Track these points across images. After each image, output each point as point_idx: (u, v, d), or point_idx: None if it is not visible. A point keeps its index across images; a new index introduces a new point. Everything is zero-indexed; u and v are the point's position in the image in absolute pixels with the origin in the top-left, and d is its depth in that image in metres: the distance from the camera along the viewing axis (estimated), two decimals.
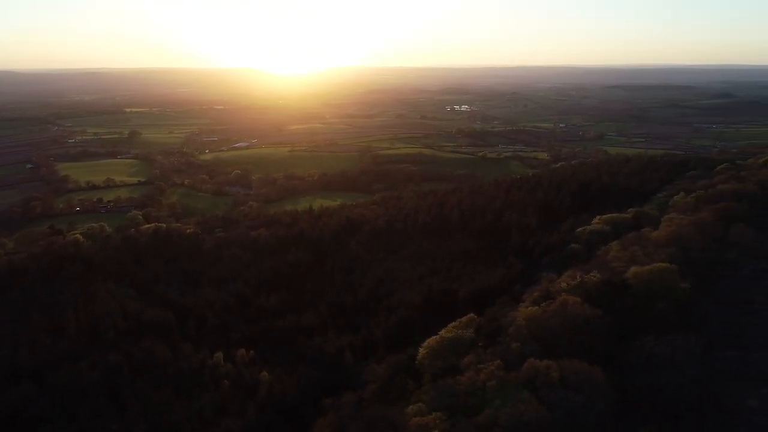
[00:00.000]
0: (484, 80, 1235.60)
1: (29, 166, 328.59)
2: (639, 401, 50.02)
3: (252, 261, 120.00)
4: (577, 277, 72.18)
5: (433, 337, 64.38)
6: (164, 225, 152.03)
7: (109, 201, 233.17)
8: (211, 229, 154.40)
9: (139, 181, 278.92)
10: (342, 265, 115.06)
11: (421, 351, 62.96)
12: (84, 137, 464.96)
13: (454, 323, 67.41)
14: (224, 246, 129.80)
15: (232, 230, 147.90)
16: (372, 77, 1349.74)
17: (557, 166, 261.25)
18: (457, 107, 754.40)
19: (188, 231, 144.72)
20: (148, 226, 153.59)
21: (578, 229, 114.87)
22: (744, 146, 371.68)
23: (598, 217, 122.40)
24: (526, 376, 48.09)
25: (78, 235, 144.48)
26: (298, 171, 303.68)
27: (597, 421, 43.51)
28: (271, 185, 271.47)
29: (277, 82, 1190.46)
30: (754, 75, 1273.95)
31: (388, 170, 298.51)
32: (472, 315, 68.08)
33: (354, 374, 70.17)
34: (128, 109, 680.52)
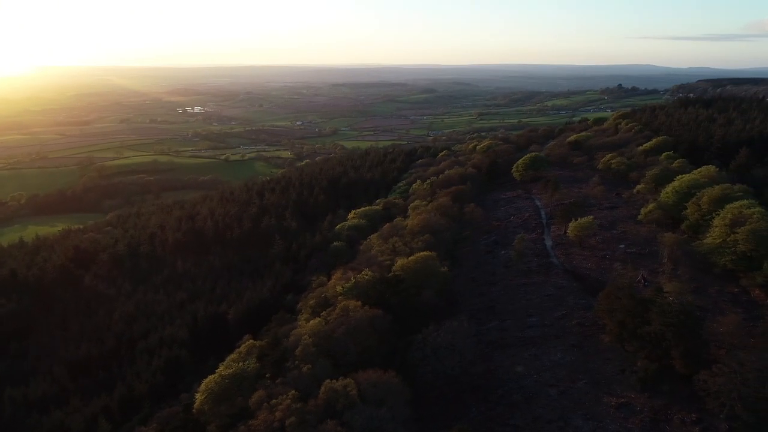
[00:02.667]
0: (214, 80, 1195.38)
1: None
2: (430, 394, 51.17)
3: None
4: (351, 278, 71.66)
5: (211, 377, 55.81)
6: None
7: None
8: None
9: None
10: (77, 308, 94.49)
11: (198, 397, 53.99)
12: None
13: (232, 355, 60.09)
14: None
15: None
16: (84, 79, 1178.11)
17: (303, 163, 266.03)
18: (189, 109, 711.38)
19: None
20: None
21: (337, 226, 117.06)
22: (450, 134, 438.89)
23: (353, 211, 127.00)
24: (325, 401, 44.35)
25: None
26: None
27: (403, 430, 42.42)
28: None
29: None
30: (449, 73, 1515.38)
31: (120, 183, 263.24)
32: (250, 341, 61.60)
33: None
34: None
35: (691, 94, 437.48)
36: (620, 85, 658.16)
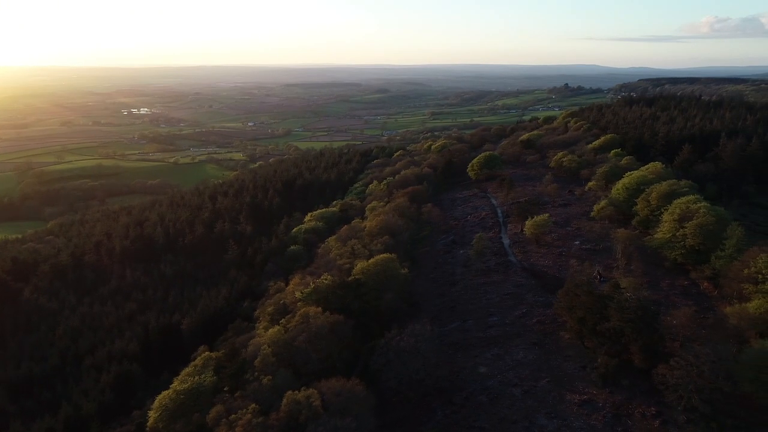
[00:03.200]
0: (161, 80, 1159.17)
1: None
2: (395, 398, 50.42)
3: None
4: (310, 283, 70.05)
5: (165, 392, 53.20)
6: None
7: None
8: None
9: None
10: (16, 324, 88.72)
11: (152, 414, 51.39)
12: None
13: (187, 368, 57.45)
14: None
15: None
16: (21, 80, 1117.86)
17: (256, 165, 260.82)
18: (135, 110, 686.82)
19: None
20: None
21: (294, 230, 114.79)
22: (404, 133, 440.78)
23: (309, 214, 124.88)
24: (287, 414, 42.78)
25: None
26: None
27: None
28: None
29: None
30: (402, 73, 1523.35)
31: (61, 189, 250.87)
32: (206, 353, 59.13)
33: None
34: None
35: (633, 93, 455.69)
36: (567, 84, 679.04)
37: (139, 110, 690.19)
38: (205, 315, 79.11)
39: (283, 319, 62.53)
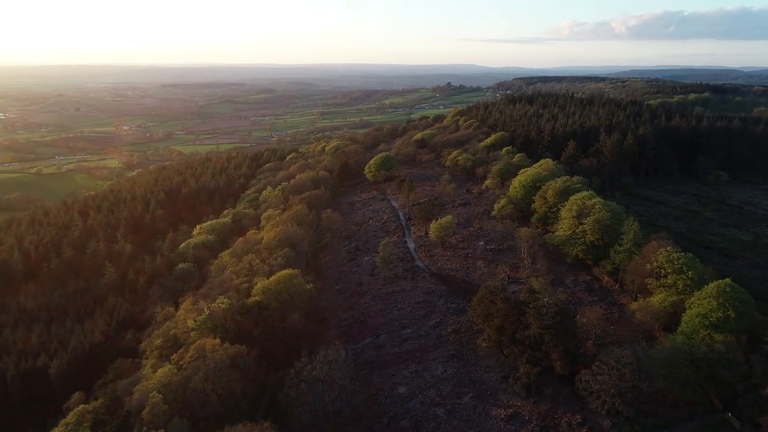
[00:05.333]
0: (14, 81, 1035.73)
1: None
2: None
3: None
4: (204, 308, 62.64)
5: None
6: None
7: None
8: None
9: None
10: None
11: None
12: None
13: (56, 429, 48.13)
14: None
15: None
16: None
17: (134, 173, 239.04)
18: None
19: None
20: None
21: (182, 245, 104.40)
22: (294, 134, 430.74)
23: (198, 226, 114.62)
24: None
25: None
26: None
27: None
28: None
29: None
30: (288, 72, 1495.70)
31: None
32: (81, 406, 50.08)
33: None
34: None
35: (509, 91, 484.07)
36: (449, 83, 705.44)
37: None
38: (78, 354, 68.25)
39: (174, 355, 54.76)
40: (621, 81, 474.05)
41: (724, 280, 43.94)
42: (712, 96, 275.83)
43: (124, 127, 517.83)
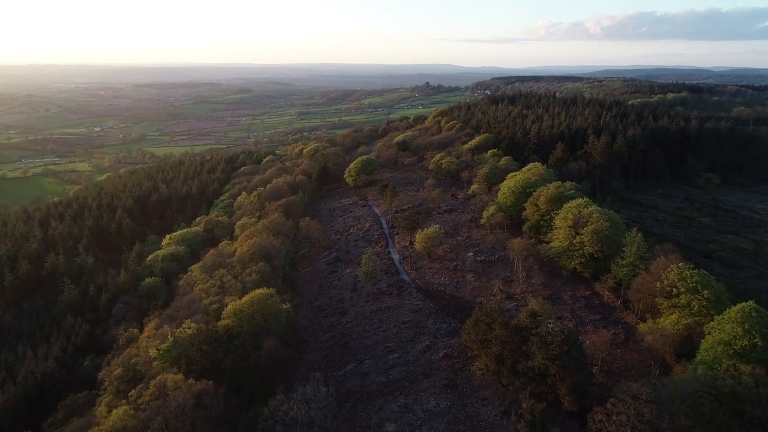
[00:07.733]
0: None
1: None
2: None
3: None
4: (168, 334, 56.47)
5: None
6: None
7: None
8: None
9: None
10: None
11: None
12: None
13: None
14: None
15: None
16: None
17: (104, 178, 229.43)
18: None
19: None
20: None
21: (149, 257, 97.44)
22: (271, 135, 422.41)
23: (168, 236, 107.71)
24: None
25: None
26: None
27: None
28: None
29: None
30: (264, 72, 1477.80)
31: None
32: None
33: None
34: None
35: (488, 91, 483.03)
36: (428, 83, 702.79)
37: None
38: (29, 385, 61.29)
39: (132, 391, 48.59)
40: (598, 81, 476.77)
41: (747, 303, 39.56)
42: (690, 96, 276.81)
43: (95, 129, 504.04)
